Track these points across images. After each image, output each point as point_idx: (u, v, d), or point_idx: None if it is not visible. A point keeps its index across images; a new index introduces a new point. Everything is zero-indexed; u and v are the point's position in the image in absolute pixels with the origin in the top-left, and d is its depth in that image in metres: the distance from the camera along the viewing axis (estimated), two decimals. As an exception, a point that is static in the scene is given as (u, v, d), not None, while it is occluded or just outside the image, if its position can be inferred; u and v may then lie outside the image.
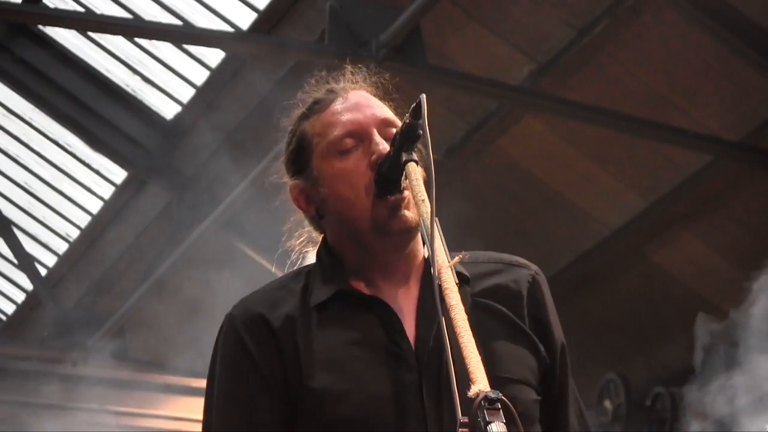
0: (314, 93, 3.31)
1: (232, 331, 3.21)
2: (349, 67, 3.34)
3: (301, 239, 3.38)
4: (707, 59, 9.20)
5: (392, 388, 3.10)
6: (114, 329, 12.20)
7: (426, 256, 3.24)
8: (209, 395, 3.23)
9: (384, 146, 3.13)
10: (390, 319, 3.16)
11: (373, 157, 3.13)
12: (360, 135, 3.17)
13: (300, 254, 3.38)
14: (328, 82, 3.32)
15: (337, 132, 3.19)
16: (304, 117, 3.28)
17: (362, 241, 3.22)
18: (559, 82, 9.64)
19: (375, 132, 3.17)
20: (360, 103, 3.23)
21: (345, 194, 3.18)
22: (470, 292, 3.17)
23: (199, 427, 3.25)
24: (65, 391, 11.90)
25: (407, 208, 3.14)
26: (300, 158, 3.28)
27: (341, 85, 3.29)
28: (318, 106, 3.26)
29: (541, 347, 3.16)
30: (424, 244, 3.23)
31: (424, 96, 2.96)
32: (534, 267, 3.29)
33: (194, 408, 9.71)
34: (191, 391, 11.01)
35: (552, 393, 3.15)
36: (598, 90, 9.49)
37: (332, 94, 3.26)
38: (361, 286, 3.21)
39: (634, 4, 8.94)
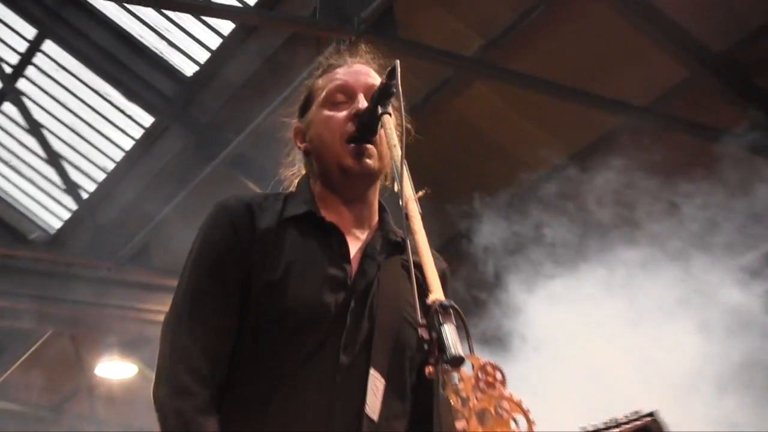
0: (330, 60, 3.39)
1: (225, 216, 3.20)
2: (363, 46, 3.41)
3: (293, 172, 3.43)
4: (623, 40, 9.22)
5: (328, 299, 3.11)
6: (140, 243, 12.25)
7: (381, 211, 3.33)
8: (191, 268, 3.20)
9: (364, 104, 3.18)
10: (341, 244, 3.19)
11: (353, 111, 3.19)
12: (349, 93, 3.25)
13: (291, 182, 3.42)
14: (345, 54, 3.40)
15: (331, 86, 3.26)
16: (319, 76, 3.36)
17: (330, 178, 3.26)
18: (504, 54, 9.65)
19: (361, 94, 3.22)
20: (358, 71, 3.30)
21: (324, 137, 3.24)
22: (403, 257, 3.22)
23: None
24: (101, 291, 12.17)
25: (369, 157, 3.20)
26: (305, 106, 3.36)
27: (353, 58, 3.37)
28: (328, 69, 3.34)
29: None
30: (393, 181, 3.22)
31: (398, 61, 3.05)
32: (441, 260, 3.28)
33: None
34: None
35: None
36: (535, 62, 9.49)
37: (341, 61, 3.34)
38: (327, 214, 3.22)
39: (566, -6, 8.98)
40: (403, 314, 3.18)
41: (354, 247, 3.22)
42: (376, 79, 3.26)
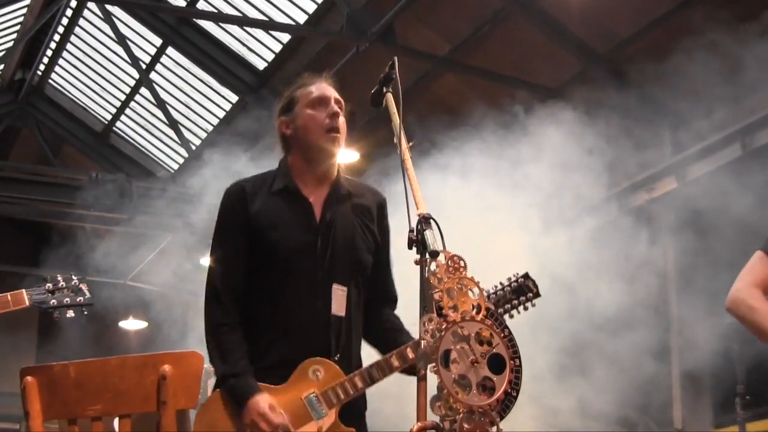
0: (303, 81, 3.37)
1: (227, 199, 3.28)
2: (324, 74, 3.42)
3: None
4: (538, 44, 9.15)
5: (304, 241, 3.18)
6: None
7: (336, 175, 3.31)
8: (215, 235, 3.30)
9: (335, 108, 3.27)
10: (307, 206, 3.22)
11: (330, 112, 3.25)
12: (322, 101, 3.28)
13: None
14: (313, 77, 3.38)
15: (313, 95, 3.28)
16: (297, 89, 3.34)
17: (308, 152, 3.27)
18: (464, 55, 9.61)
19: (332, 101, 3.28)
20: (326, 87, 3.33)
21: (310, 125, 3.25)
22: (351, 203, 3.27)
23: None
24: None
25: (338, 141, 3.25)
26: (289, 106, 3.32)
27: (319, 79, 3.36)
28: (306, 84, 3.33)
29: (378, 237, 3.28)
30: (340, 172, 3.32)
31: (396, 58, 3.07)
32: (381, 195, 3.37)
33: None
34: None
35: (380, 263, 3.30)
36: (483, 59, 9.43)
37: (312, 81, 3.34)
38: (299, 182, 3.27)
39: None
40: (356, 242, 3.23)
41: (318, 201, 3.25)
42: (336, 93, 3.31)
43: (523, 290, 3.26)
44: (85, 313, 3.78)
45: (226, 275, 3.20)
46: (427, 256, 2.57)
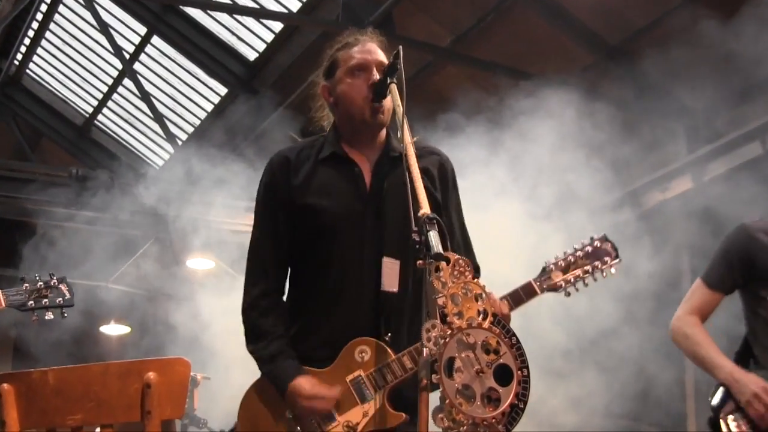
0: (347, 39, 3.37)
1: (270, 169, 3.31)
2: (369, 29, 3.43)
3: (324, 114, 3.45)
4: (545, 35, 9.16)
5: (352, 211, 3.18)
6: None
7: (383, 141, 3.34)
8: (257, 207, 3.32)
9: (377, 76, 3.24)
10: (356, 173, 3.24)
11: (370, 81, 3.22)
12: (365, 66, 3.27)
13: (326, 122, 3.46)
14: (356, 35, 3.38)
15: (353, 62, 3.28)
16: (339, 49, 3.34)
17: (353, 124, 3.29)
18: (467, 46, 9.61)
19: (374, 67, 3.26)
20: (370, 49, 3.31)
21: (350, 96, 3.26)
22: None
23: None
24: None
25: (382, 113, 3.24)
26: (331, 70, 3.34)
27: (364, 37, 3.35)
28: (349, 45, 3.33)
29: (440, 201, 3.25)
30: (390, 135, 3.33)
31: (401, 47, 3.10)
32: (444, 155, 3.37)
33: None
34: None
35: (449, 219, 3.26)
36: (487, 51, 9.44)
37: (357, 41, 3.34)
38: (348, 149, 3.28)
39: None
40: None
41: (366, 168, 3.26)
42: (381, 56, 3.30)
43: (598, 254, 3.22)
44: (65, 315, 3.75)
45: (265, 251, 3.24)
46: (431, 258, 2.56)
